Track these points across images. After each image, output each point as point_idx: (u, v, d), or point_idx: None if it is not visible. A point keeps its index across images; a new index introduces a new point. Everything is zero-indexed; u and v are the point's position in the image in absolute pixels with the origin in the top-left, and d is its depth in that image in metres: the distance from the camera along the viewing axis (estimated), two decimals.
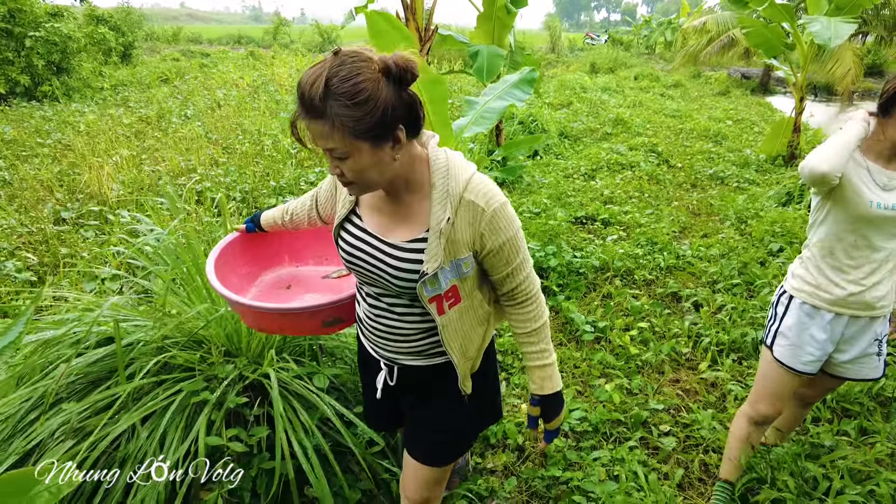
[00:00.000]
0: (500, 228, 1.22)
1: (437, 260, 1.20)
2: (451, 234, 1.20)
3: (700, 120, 9.82)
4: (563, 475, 2.18)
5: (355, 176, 1.13)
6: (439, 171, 1.20)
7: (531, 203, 5.06)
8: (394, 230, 1.26)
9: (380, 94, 1.04)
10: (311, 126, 1.06)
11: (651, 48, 28.71)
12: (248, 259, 1.82)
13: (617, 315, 3.42)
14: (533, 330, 1.35)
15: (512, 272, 1.29)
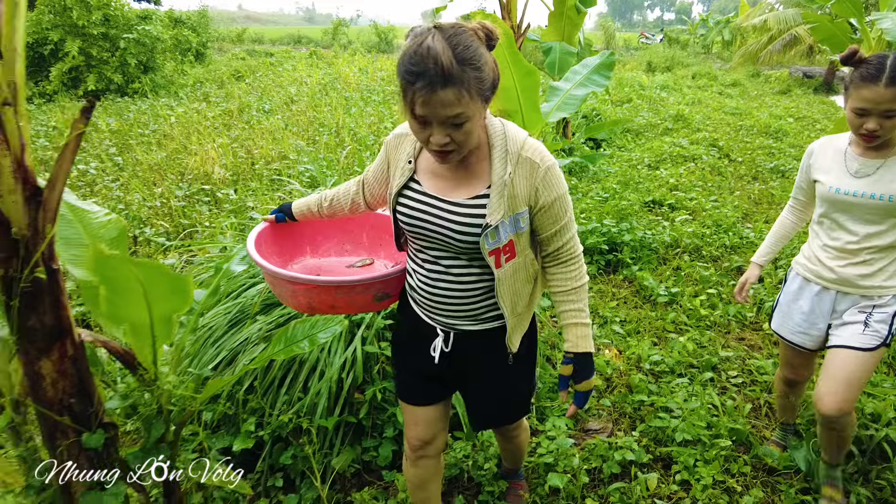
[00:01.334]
0: (552, 185, 1.32)
1: (499, 212, 1.29)
2: (511, 188, 1.29)
3: (760, 117, 9.91)
4: (648, 399, 2.59)
5: (464, 140, 1.20)
6: (497, 135, 1.30)
7: (601, 188, 5.44)
8: (455, 190, 1.34)
9: (487, 56, 1.18)
10: (441, 94, 1.11)
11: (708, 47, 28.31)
12: (275, 250, 1.81)
13: (687, 283, 3.78)
14: (573, 289, 1.43)
15: (560, 230, 1.37)
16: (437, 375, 1.56)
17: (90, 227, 1.52)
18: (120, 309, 1.26)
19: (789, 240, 2.14)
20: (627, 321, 3.37)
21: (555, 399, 2.63)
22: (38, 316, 1.21)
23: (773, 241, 2.13)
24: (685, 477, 2.17)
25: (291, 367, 2.30)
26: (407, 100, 1.15)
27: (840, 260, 1.83)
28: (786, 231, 2.11)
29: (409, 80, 1.12)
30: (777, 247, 2.13)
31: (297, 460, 2.12)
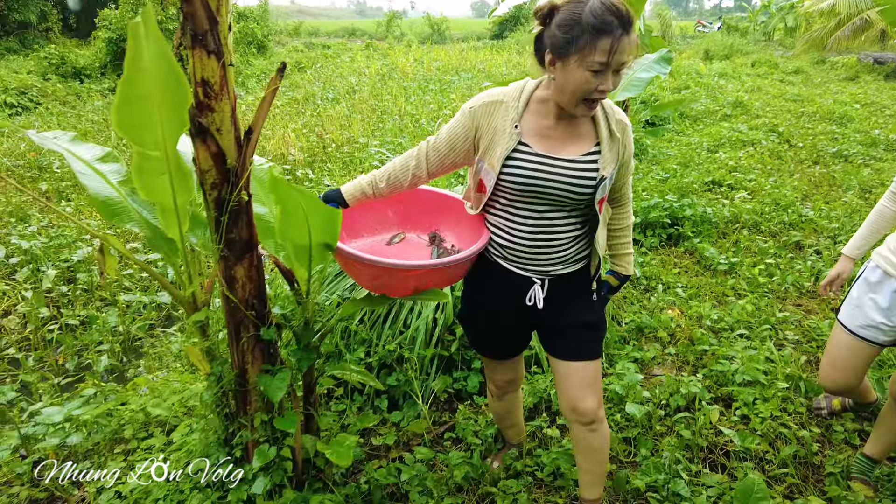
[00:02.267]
0: (631, 143, 1.57)
1: (612, 164, 1.50)
2: (611, 143, 1.51)
3: (823, 103, 9.74)
4: (710, 348, 2.83)
5: (615, 87, 1.40)
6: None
7: (661, 169, 5.61)
8: (565, 149, 1.49)
9: None
10: (626, 40, 1.32)
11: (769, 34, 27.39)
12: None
13: (746, 255, 3.96)
14: (627, 225, 1.74)
15: (627, 181, 1.66)
16: (528, 324, 1.73)
17: (254, 172, 1.89)
18: (289, 229, 1.60)
19: (887, 230, 1.97)
20: (689, 287, 3.58)
21: (622, 348, 2.90)
22: (238, 230, 1.58)
23: (868, 232, 1.97)
24: (745, 412, 2.41)
25: (393, 307, 2.65)
26: (597, 49, 1.30)
27: None
28: (885, 221, 1.94)
29: (607, 29, 1.28)
30: (872, 238, 1.98)
31: (401, 384, 2.47)
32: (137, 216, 1.69)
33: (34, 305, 3.46)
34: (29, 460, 2.26)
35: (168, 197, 1.49)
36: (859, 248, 2.01)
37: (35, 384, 2.90)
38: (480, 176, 1.59)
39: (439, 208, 1.91)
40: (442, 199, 1.92)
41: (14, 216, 4.91)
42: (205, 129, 1.45)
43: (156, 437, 2.28)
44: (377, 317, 2.62)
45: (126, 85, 1.26)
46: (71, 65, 13.48)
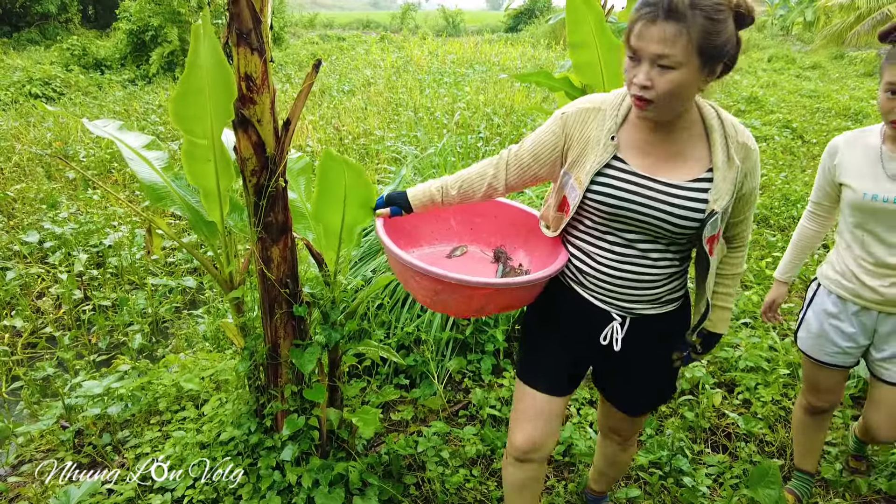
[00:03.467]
0: (756, 172, 1.30)
1: (726, 198, 1.24)
2: (729, 173, 1.24)
3: (840, 99, 9.71)
4: None
5: (667, 92, 1.13)
6: (712, 115, 1.25)
7: None
8: (669, 171, 1.26)
9: (729, 22, 1.13)
10: (662, 26, 1.09)
11: (787, 28, 27.11)
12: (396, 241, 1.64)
13: (754, 248, 4.04)
14: (735, 274, 1.44)
15: (747, 217, 1.36)
16: (590, 362, 1.52)
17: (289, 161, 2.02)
18: (323, 211, 1.73)
19: (812, 251, 1.94)
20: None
21: None
22: (275, 214, 1.72)
23: (795, 254, 1.91)
24: (747, 396, 2.52)
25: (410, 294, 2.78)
26: (630, 31, 1.14)
27: (881, 279, 1.62)
28: (807, 242, 1.88)
29: (642, 11, 1.12)
30: (799, 260, 1.92)
31: (418, 364, 2.60)
32: (180, 200, 1.82)
33: (68, 287, 3.63)
34: (72, 429, 2.42)
35: (212, 182, 1.62)
36: (788, 272, 1.93)
37: (70, 361, 3.07)
38: (565, 192, 1.38)
39: (510, 222, 1.73)
40: (513, 212, 1.74)
41: (44, 203, 5.10)
42: (247, 120, 1.58)
43: (188, 410, 2.44)
44: (396, 300, 2.75)
45: (185, 80, 1.39)
46: (92, 56, 13.73)
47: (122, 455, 2.31)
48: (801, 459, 2.05)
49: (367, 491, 1.94)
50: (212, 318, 3.29)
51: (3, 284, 3.65)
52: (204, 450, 2.12)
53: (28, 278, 3.82)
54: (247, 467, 1.99)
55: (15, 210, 5.06)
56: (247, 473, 1.97)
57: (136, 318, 3.53)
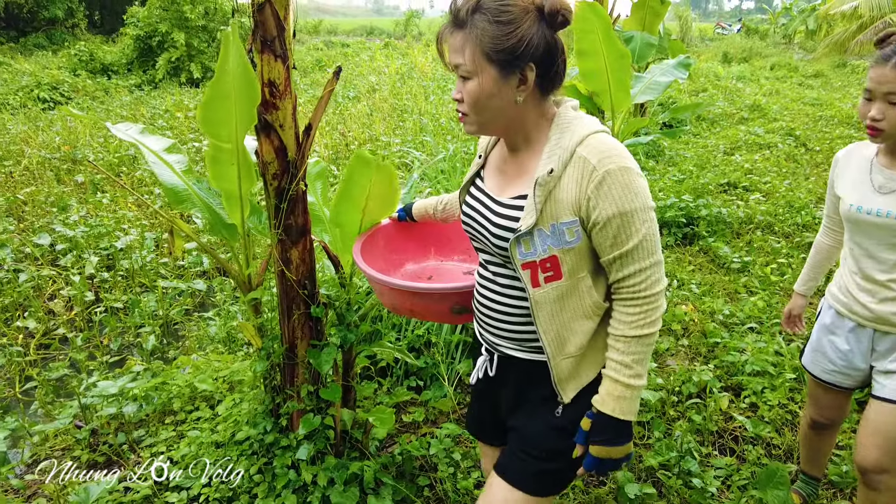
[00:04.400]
0: (611, 196, 1.04)
1: (531, 216, 1.08)
2: (556, 191, 1.07)
3: (842, 108, 9.76)
4: (722, 341, 2.96)
5: (472, 102, 1.09)
6: (559, 127, 1.11)
7: (677, 170, 5.74)
8: (507, 188, 1.19)
9: (524, 21, 1.03)
10: (451, 38, 1.07)
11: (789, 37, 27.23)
12: (397, 247, 1.80)
13: (759, 254, 4.08)
14: (624, 336, 1.11)
15: (621, 258, 1.08)
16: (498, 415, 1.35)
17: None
18: (342, 214, 1.77)
19: (831, 264, 1.89)
20: (702, 284, 3.71)
21: None
22: (294, 217, 1.76)
23: (811, 267, 1.89)
24: (753, 400, 2.55)
25: None
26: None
27: (870, 295, 1.58)
28: (823, 256, 1.85)
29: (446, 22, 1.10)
30: (816, 273, 1.88)
31: (428, 366, 2.64)
32: (201, 203, 1.87)
33: (80, 289, 3.67)
34: (87, 428, 2.46)
35: (234, 185, 1.67)
36: (806, 284, 1.91)
37: (83, 362, 3.10)
38: None
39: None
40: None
41: (55, 206, 5.15)
42: (270, 125, 1.62)
43: (202, 410, 2.47)
44: None
45: (213, 85, 1.43)
46: (99, 61, 13.85)
47: (137, 454, 2.34)
48: (807, 465, 2.05)
49: (382, 491, 1.97)
50: (223, 321, 3.33)
51: (16, 286, 3.69)
52: (219, 449, 2.15)
53: (40, 280, 3.86)
54: (262, 466, 2.02)
55: (25, 213, 5.11)
56: (262, 472, 2.01)
57: (147, 320, 3.56)
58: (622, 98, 4.02)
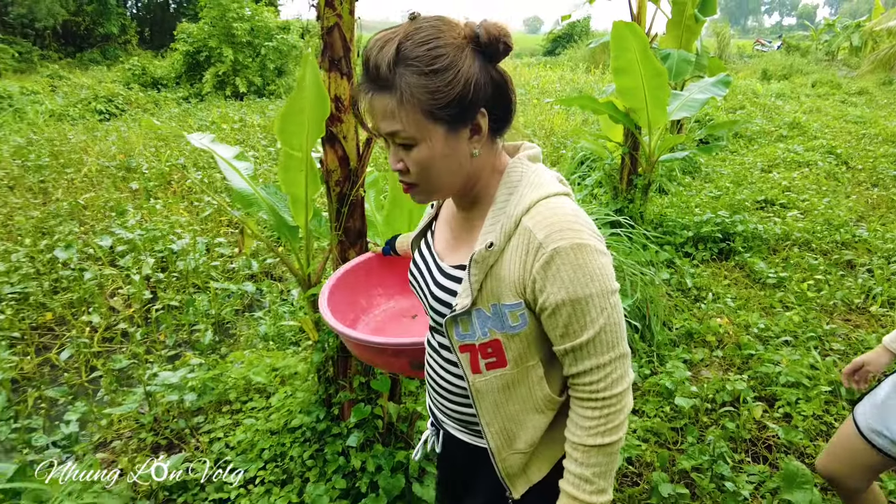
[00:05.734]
0: (560, 278, 0.87)
1: (468, 296, 0.93)
2: (497, 268, 0.92)
3: (887, 125, 9.59)
4: (756, 353, 3.01)
5: (420, 171, 0.90)
6: (507, 185, 0.94)
7: (714, 187, 5.77)
8: (452, 251, 1.04)
9: (462, 63, 0.85)
10: (375, 101, 0.86)
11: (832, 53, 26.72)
12: (383, 281, 1.70)
13: (796, 271, 4.09)
14: (583, 445, 0.94)
15: (574, 351, 0.92)
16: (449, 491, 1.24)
17: None
18: (394, 221, 1.93)
19: None
20: (738, 298, 3.75)
21: (672, 350, 3.11)
22: (353, 220, 1.91)
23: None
24: (787, 410, 2.60)
25: None
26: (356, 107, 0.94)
27: None
28: None
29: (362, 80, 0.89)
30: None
31: None
32: (266, 206, 2.04)
33: (139, 288, 3.92)
34: (150, 414, 2.65)
35: (301, 190, 1.83)
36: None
37: (142, 355, 3.32)
38: None
39: None
40: None
41: (113, 210, 5.47)
42: (335, 137, 1.79)
43: (256, 401, 2.64)
44: None
45: (291, 100, 1.60)
46: (150, 75, 14.50)
47: (196, 439, 2.52)
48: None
49: (425, 479, 2.09)
50: (272, 320, 3.52)
51: (82, 283, 3.95)
52: (273, 436, 2.31)
53: (102, 279, 4.12)
54: (314, 452, 2.17)
55: (86, 217, 5.44)
56: (314, 458, 2.15)
57: (200, 318, 3.77)
58: (658, 115, 4.12)
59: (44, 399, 2.99)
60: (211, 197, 5.86)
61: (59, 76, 14.88)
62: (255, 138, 8.58)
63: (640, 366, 2.95)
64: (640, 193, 4.53)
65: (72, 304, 3.86)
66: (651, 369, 2.95)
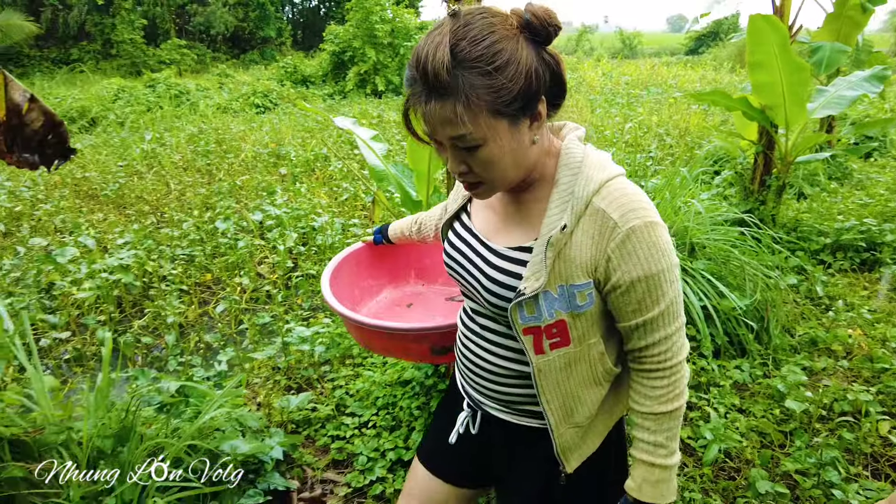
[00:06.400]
0: (636, 256, 0.90)
1: (539, 278, 0.92)
2: (567, 249, 0.92)
3: None
4: (892, 367, 2.79)
5: (488, 170, 0.89)
6: (569, 167, 0.94)
7: (865, 194, 5.27)
8: (502, 233, 1.02)
9: (520, 54, 0.83)
10: (436, 110, 0.83)
11: None
12: (374, 272, 1.70)
13: None
14: (653, 413, 0.98)
15: (644, 325, 0.95)
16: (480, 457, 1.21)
17: None
18: None
19: None
20: (877, 311, 3.46)
21: (791, 357, 2.97)
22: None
23: None
24: None
25: None
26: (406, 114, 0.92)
27: None
28: None
29: (407, 86, 0.88)
30: None
31: None
32: (395, 181, 2.30)
33: (283, 258, 4.44)
34: (284, 361, 3.05)
35: (425, 167, 2.06)
36: None
37: (282, 314, 3.78)
38: None
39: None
40: None
41: (264, 191, 6.17)
42: None
43: (375, 357, 2.94)
44: None
45: None
46: (300, 73, 15.88)
47: (322, 385, 2.86)
48: None
49: None
50: None
51: (237, 251, 4.55)
52: (387, 388, 2.58)
53: (253, 248, 4.71)
54: (421, 404, 2.40)
55: (241, 195, 6.19)
56: (420, 409, 2.39)
57: None
58: (797, 112, 3.90)
59: (202, 342, 3.54)
60: (348, 184, 6.41)
61: (225, 75, 16.77)
62: (390, 133, 9.12)
63: (752, 367, 2.85)
64: (772, 195, 4.29)
65: (227, 268, 4.46)
66: (764, 371, 2.85)
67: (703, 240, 3.36)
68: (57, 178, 6.80)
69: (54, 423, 1.73)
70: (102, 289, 3.90)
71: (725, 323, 3.01)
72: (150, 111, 11.97)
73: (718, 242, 3.34)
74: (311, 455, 2.34)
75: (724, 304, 2.98)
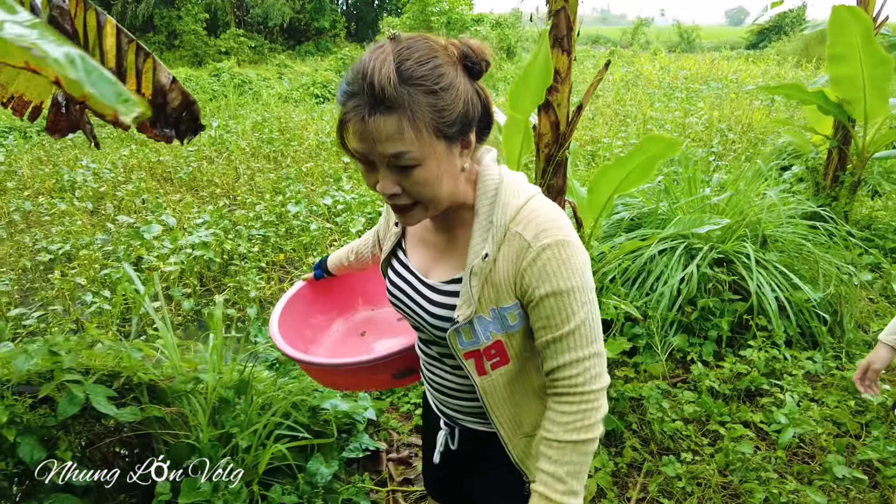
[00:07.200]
0: (546, 272, 0.92)
1: (469, 306, 0.96)
2: (493, 275, 0.95)
3: None
4: None
5: (422, 191, 0.90)
6: (486, 195, 0.96)
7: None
8: (437, 267, 1.06)
9: (459, 80, 0.87)
10: (379, 124, 0.82)
11: None
12: (321, 307, 1.67)
13: None
14: (557, 441, 0.96)
15: (554, 343, 0.95)
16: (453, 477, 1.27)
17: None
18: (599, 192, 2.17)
19: None
20: None
21: (865, 351, 2.96)
22: (556, 179, 2.21)
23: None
24: None
25: (641, 273, 3.11)
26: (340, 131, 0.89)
27: None
28: None
29: (340, 103, 0.87)
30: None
31: (643, 335, 2.92)
32: None
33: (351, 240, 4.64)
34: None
35: (516, 150, 2.17)
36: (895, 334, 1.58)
37: None
38: None
39: None
40: None
41: (331, 178, 6.41)
42: (550, 104, 2.09)
43: None
44: (626, 278, 3.11)
45: (525, 70, 1.94)
46: None
47: None
48: None
49: None
50: None
51: (309, 233, 4.78)
52: None
53: (324, 231, 4.93)
54: None
55: (307, 181, 6.44)
56: None
57: None
58: (878, 107, 3.83)
59: None
60: None
61: (284, 65, 17.26)
62: None
63: (825, 358, 2.86)
64: (846, 191, 4.22)
65: (301, 248, 4.69)
66: (837, 364, 2.85)
67: (776, 233, 3.36)
68: (134, 162, 7.22)
69: (182, 374, 1.93)
70: (186, 264, 4.17)
71: (798, 315, 3.02)
72: (214, 99, 12.47)
73: (792, 236, 3.34)
74: (395, 420, 2.50)
75: (797, 295, 2.99)
